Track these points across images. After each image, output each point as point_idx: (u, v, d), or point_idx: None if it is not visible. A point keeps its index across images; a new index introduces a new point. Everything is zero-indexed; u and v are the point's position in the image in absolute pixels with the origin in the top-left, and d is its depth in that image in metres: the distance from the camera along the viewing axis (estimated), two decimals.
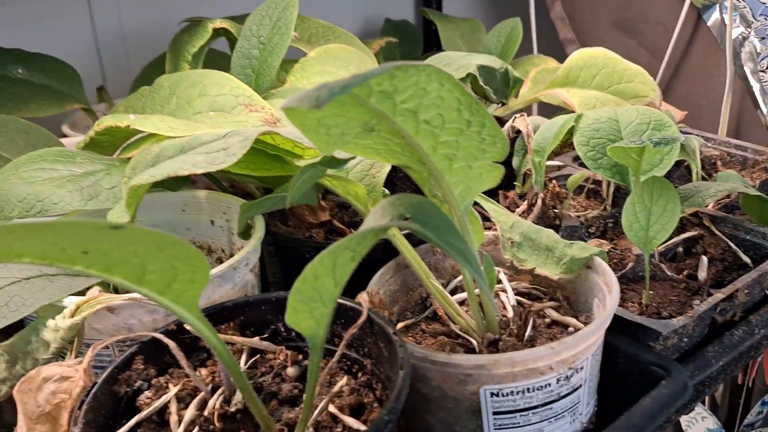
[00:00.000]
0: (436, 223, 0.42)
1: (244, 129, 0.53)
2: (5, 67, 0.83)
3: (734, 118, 1.05)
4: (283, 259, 0.69)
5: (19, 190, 0.53)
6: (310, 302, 0.41)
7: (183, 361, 0.45)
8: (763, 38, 0.83)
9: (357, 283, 0.48)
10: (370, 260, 0.44)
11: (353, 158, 0.54)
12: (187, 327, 0.48)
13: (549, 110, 1.10)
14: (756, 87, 0.99)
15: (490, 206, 0.65)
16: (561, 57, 1.27)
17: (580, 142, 0.72)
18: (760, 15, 0.80)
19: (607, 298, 0.53)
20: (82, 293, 0.51)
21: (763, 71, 0.84)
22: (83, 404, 0.42)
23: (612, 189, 0.81)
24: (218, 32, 0.76)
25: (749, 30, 0.98)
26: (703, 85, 1.10)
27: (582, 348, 0.49)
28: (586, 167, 0.73)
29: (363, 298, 0.49)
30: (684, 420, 1.07)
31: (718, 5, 1.04)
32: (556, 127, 0.76)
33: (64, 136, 0.87)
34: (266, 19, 0.71)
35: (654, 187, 0.65)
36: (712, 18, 1.04)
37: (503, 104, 0.95)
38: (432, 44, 1.33)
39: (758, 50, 0.99)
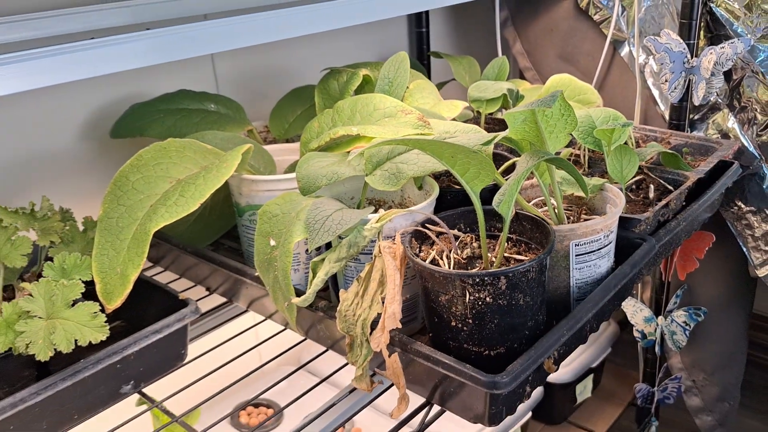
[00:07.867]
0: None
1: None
2: (203, 104, 1.27)
3: (642, 113, 1.64)
4: None
5: (319, 171, 0.99)
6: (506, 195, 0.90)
7: (439, 233, 0.93)
8: (662, 64, 1.40)
9: None
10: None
11: None
12: (422, 229, 0.96)
13: None
14: (656, 93, 1.58)
15: None
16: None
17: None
18: (663, 50, 1.37)
19: (617, 201, 1.06)
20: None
21: (662, 83, 1.41)
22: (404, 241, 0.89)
23: (587, 157, 1.35)
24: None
25: (649, 57, 1.57)
26: (620, 94, 1.68)
27: (612, 221, 1.01)
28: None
29: None
30: (628, 312, 1.63)
31: (627, 41, 1.62)
32: None
33: None
34: (392, 67, 1.20)
35: (622, 150, 1.19)
36: (624, 50, 1.62)
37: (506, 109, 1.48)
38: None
39: (655, 70, 1.57)
